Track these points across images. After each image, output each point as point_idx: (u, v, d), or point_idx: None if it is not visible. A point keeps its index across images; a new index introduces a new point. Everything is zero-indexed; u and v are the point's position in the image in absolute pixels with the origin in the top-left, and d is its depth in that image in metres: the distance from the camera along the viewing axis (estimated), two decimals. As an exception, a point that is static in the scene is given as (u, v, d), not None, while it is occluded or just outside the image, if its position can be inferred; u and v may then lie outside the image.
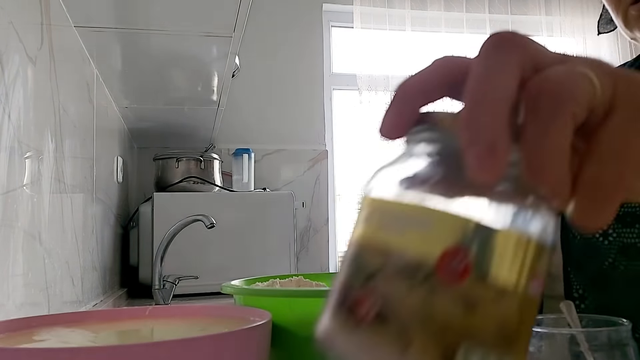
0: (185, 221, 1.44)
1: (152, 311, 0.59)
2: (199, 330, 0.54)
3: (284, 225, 1.85)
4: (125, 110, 1.68)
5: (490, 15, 2.58)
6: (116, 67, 1.33)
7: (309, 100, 2.46)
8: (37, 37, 0.82)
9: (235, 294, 0.61)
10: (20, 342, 0.47)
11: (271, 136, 2.40)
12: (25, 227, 0.74)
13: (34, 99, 0.79)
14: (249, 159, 2.07)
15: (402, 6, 2.47)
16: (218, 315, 0.58)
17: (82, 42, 1.13)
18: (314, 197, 2.41)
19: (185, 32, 1.11)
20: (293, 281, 0.69)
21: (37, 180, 0.80)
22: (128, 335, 0.53)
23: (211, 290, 1.71)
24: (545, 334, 0.43)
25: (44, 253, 0.84)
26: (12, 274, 0.69)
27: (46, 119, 0.86)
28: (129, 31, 1.10)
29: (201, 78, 1.44)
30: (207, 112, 1.75)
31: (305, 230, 2.38)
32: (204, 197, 1.86)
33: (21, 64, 0.73)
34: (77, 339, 0.49)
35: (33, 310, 0.77)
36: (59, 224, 0.93)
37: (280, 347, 0.55)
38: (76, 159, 1.08)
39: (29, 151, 0.76)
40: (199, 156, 1.94)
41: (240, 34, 1.10)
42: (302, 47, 2.47)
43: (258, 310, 0.54)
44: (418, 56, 2.48)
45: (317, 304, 0.54)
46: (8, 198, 0.67)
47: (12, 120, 0.69)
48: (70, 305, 1.03)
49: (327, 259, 2.41)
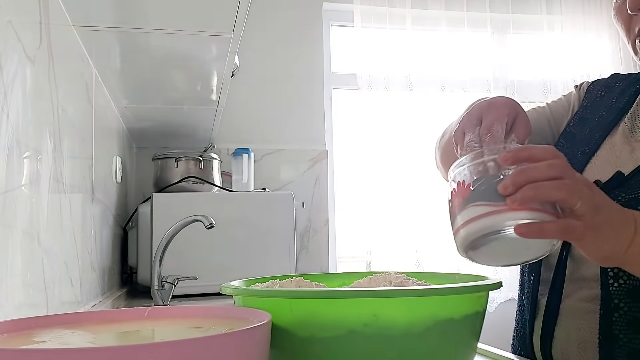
0: (185, 221, 1.44)
1: (152, 312, 0.58)
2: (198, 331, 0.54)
3: (284, 226, 1.84)
4: (124, 109, 1.67)
5: (491, 14, 2.57)
6: (115, 66, 1.33)
7: (309, 100, 2.46)
8: (36, 37, 0.81)
9: (234, 295, 0.61)
10: (20, 343, 0.46)
11: (271, 136, 2.40)
12: (23, 227, 0.74)
13: (32, 99, 0.78)
14: (248, 158, 2.07)
15: (402, 5, 2.47)
16: (217, 316, 0.57)
17: (81, 41, 1.13)
18: (314, 197, 2.40)
19: (185, 31, 1.11)
20: (293, 282, 0.69)
21: (36, 180, 0.79)
22: (127, 336, 0.53)
23: (210, 291, 1.71)
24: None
25: (42, 253, 0.83)
26: (10, 275, 0.69)
27: (45, 118, 0.86)
28: (128, 30, 1.10)
29: (200, 77, 1.44)
30: (207, 112, 1.75)
31: (305, 231, 2.38)
32: (204, 197, 1.86)
33: (20, 63, 0.73)
34: (77, 340, 0.49)
35: (32, 310, 0.77)
36: (57, 224, 0.93)
37: (280, 347, 0.55)
38: (75, 158, 1.08)
39: (28, 151, 0.75)
40: (198, 156, 1.94)
41: (240, 33, 1.10)
42: (302, 46, 2.47)
43: (258, 311, 0.54)
44: (419, 55, 2.48)
45: (317, 304, 0.54)
46: (6, 198, 0.67)
47: (10, 119, 0.68)
48: (69, 306, 1.03)
49: (327, 259, 2.40)
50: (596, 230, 0.56)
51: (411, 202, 2.38)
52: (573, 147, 0.87)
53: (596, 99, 0.92)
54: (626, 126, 0.82)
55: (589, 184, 0.57)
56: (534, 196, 0.53)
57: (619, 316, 0.72)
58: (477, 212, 0.55)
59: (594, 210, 0.55)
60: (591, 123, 0.88)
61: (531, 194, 0.53)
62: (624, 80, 0.91)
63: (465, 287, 0.57)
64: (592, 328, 0.75)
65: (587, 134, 0.87)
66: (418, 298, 0.54)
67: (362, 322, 0.52)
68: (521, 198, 0.53)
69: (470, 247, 0.57)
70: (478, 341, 0.61)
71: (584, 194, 0.55)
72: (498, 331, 1.19)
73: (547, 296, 0.81)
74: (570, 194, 0.54)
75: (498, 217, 0.54)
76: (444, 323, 0.54)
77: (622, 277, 0.73)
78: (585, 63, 2.57)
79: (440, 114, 2.42)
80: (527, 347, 0.83)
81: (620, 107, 0.85)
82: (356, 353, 0.53)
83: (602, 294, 0.74)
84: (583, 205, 0.54)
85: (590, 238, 0.56)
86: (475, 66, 2.54)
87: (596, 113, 0.89)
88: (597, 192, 0.57)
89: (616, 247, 0.58)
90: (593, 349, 0.74)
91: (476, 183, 0.56)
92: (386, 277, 0.67)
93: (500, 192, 0.54)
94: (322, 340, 0.53)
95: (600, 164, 0.81)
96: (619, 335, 0.71)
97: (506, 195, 0.54)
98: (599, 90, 0.93)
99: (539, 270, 0.84)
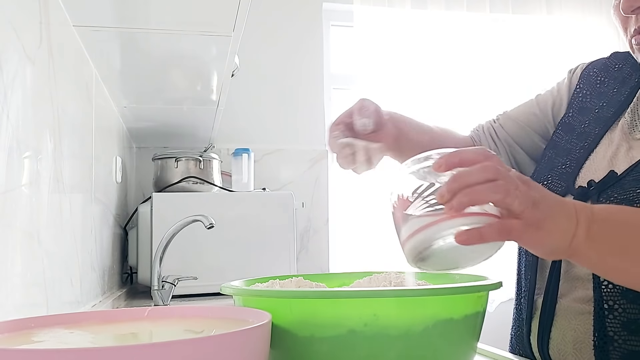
0: (185, 221, 1.44)
1: (151, 312, 0.58)
2: (198, 331, 0.54)
3: (284, 226, 1.84)
4: (124, 109, 1.67)
5: (491, 15, 2.57)
6: (115, 66, 1.33)
7: (309, 100, 2.46)
8: (36, 37, 0.81)
9: (234, 295, 0.61)
10: (19, 342, 0.46)
11: (271, 136, 2.40)
12: (23, 227, 0.74)
13: (32, 99, 0.78)
14: (248, 158, 2.07)
15: (402, 5, 2.47)
16: (217, 316, 0.57)
17: (81, 41, 1.12)
18: (314, 197, 2.40)
19: (185, 32, 1.11)
20: (293, 282, 0.69)
21: (36, 180, 0.79)
22: (127, 336, 0.53)
23: (210, 291, 1.71)
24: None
25: (42, 253, 0.83)
26: (10, 274, 0.69)
27: (45, 118, 0.86)
28: (128, 30, 1.10)
29: (200, 77, 1.44)
30: (207, 112, 1.75)
31: (305, 231, 2.38)
32: (204, 197, 1.86)
33: (20, 63, 0.73)
34: (76, 340, 0.49)
35: (32, 310, 0.77)
36: (57, 224, 0.93)
37: (280, 347, 0.55)
38: (75, 158, 1.08)
39: (28, 151, 0.75)
40: (198, 156, 1.94)
41: (240, 33, 1.10)
42: (302, 46, 2.46)
43: (258, 311, 0.54)
44: (419, 55, 2.48)
45: (317, 304, 0.54)
46: (6, 198, 0.67)
47: (10, 120, 0.68)
48: (69, 306, 1.03)
49: (326, 259, 2.40)
50: (536, 226, 0.55)
51: (411, 202, 2.38)
52: (571, 141, 0.87)
53: (596, 85, 0.90)
54: (626, 121, 0.81)
55: (524, 180, 0.57)
56: (470, 201, 0.53)
57: (613, 318, 0.71)
58: (418, 225, 0.55)
59: (532, 206, 0.55)
60: (590, 114, 0.87)
61: (466, 200, 0.53)
62: (624, 61, 0.89)
63: (465, 287, 0.57)
64: (586, 329, 0.74)
65: (586, 126, 0.86)
66: (418, 298, 0.54)
67: (362, 322, 0.52)
68: (457, 205, 0.53)
69: (418, 259, 0.57)
70: (478, 341, 0.61)
71: (519, 192, 0.54)
72: (498, 331, 1.19)
73: (543, 296, 0.81)
74: (504, 194, 0.53)
75: (437, 227, 0.54)
76: (444, 323, 0.54)
77: None
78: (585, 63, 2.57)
79: (440, 114, 2.42)
80: (525, 347, 0.83)
81: (621, 101, 0.84)
82: (356, 353, 0.53)
83: (595, 295, 0.73)
84: (520, 203, 0.54)
85: (531, 235, 0.56)
86: (475, 66, 2.54)
87: (596, 103, 0.88)
88: (534, 188, 0.57)
89: (559, 240, 0.57)
90: (588, 349, 0.74)
91: (414, 195, 0.56)
92: (386, 277, 0.67)
93: (438, 201, 0.54)
94: (322, 340, 0.53)
95: (598, 161, 0.81)
96: (614, 337, 0.71)
97: (443, 203, 0.54)
98: (597, 75, 0.91)
99: (536, 270, 0.83)
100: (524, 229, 0.55)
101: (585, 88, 0.92)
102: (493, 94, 2.50)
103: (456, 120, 2.34)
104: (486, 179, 0.54)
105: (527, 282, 0.85)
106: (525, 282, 0.85)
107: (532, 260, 0.84)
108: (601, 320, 0.72)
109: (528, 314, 0.83)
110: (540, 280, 0.83)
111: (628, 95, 0.84)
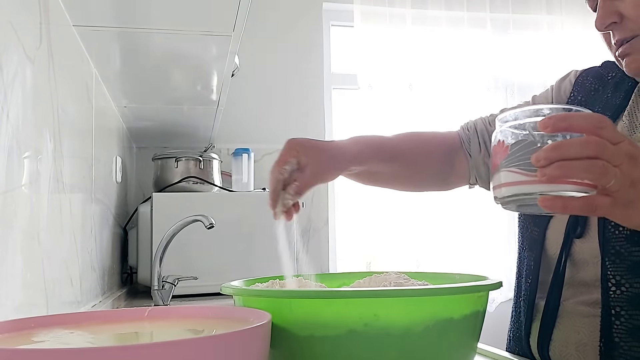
0: (185, 221, 1.44)
1: (152, 312, 0.58)
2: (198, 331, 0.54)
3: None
4: (124, 109, 1.67)
5: (491, 14, 2.57)
6: (115, 66, 1.33)
7: (309, 99, 2.46)
8: (36, 37, 0.81)
9: (234, 295, 0.61)
10: (19, 342, 0.46)
11: (271, 136, 2.39)
12: (23, 227, 0.74)
13: (32, 99, 0.78)
14: (248, 158, 2.07)
15: (402, 5, 2.47)
16: (217, 316, 0.57)
17: (81, 41, 1.12)
18: (314, 197, 2.40)
19: (185, 32, 1.11)
20: (293, 282, 0.69)
21: (36, 180, 0.79)
22: (127, 336, 0.53)
23: (210, 291, 1.71)
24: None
25: (42, 253, 0.83)
26: (10, 275, 0.69)
27: (45, 118, 0.86)
28: (128, 30, 1.10)
29: (201, 77, 1.44)
30: (207, 112, 1.75)
31: (305, 231, 2.38)
32: (204, 197, 1.86)
33: (20, 63, 0.73)
34: (76, 340, 0.49)
35: (32, 310, 0.77)
36: (57, 224, 0.93)
37: (280, 347, 0.55)
38: (75, 158, 1.08)
39: (28, 151, 0.75)
40: (198, 156, 1.94)
41: (240, 33, 1.10)
42: (302, 46, 2.46)
43: (258, 311, 0.54)
44: (419, 55, 2.48)
45: (317, 304, 0.54)
46: (6, 198, 0.67)
47: (10, 120, 0.68)
48: (69, 306, 1.03)
49: (327, 259, 2.40)
50: (627, 205, 0.55)
51: (412, 202, 2.38)
52: None
53: (590, 92, 0.91)
54: (624, 124, 0.81)
55: (632, 154, 0.55)
56: (562, 175, 0.52)
57: (620, 324, 0.71)
58: (509, 179, 0.56)
59: (629, 186, 0.54)
60: None
61: (559, 173, 0.52)
62: (616, 69, 0.89)
63: (465, 287, 0.57)
64: (591, 332, 0.74)
65: None
66: (418, 298, 0.54)
67: (362, 322, 0.52)
68: (550, 174, 0.52)
69: (503, 204, 0.59)
70: (478, 341, 0.61)
71: (619, 171, 0.53)
72: (498, 331, 1.19)
73: (545, 299, 0.81)
74: (600, 175, 0.52)
75: (527, 188, 0.55)
76: (443, 323, 0.54)
77: (624, 285, 0.71)
78: (586, 63, 2.57)
79: (440, 113, 2.42)
80: (524, 348, 0.83)
81: (616, 104, 0.84)
82: (356, 353, 0.53)
83: (603, 300, 0.73)
84: (616, 183, 0.53)
85: (619, 211, 0.55)
86: (475, 66, 2.54)
87: (591, 109, 0.88)
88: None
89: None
90: (592, 353, 0.74)
91: (514, 147, 0.56)
92: (386, 277, 0.67)
93: (533, 163, 0.54)
94: (322, 340, 0.53)
95: None
96: (620, 343, 0.71)
97: (537, 167, 0.53)
98: (592, 83, 0.91)
99: (537, 274, 0.83)
100: (611, 207, 0.54)
101: (581, 94, 0.92)
102: (493, 93, 2.50)
103: (456, 120, 2.34)
104: (587, 155, 0.52)
105: (527, 286, 0.84)
106: (525, 286, 0.85)
107: (534, 264, 0.84)
108: (608, 325, 0.72)
109: (528, 317, 0.82)
110: (543, 284, 0.82)
111: (623, 98, 0.84)
